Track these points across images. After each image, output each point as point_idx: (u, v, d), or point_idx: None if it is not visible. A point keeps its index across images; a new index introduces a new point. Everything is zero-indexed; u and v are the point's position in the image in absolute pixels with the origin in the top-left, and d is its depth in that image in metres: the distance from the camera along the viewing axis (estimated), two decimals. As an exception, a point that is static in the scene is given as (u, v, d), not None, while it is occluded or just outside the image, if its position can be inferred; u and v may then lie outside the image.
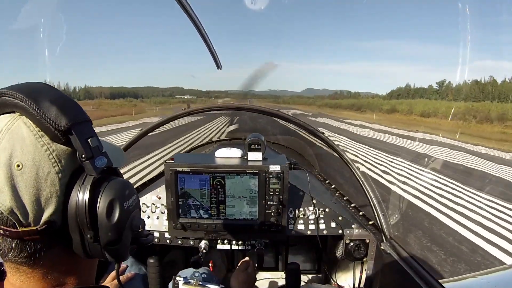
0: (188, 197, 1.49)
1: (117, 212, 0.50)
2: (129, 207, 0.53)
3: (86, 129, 0.51)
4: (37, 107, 0.47)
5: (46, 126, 0.48)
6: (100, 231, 0.50)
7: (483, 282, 1.34)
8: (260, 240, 1.55)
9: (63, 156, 0.49)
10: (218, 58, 2.09)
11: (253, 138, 1.50)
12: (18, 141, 0.47)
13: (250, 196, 1.48)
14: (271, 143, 3.78)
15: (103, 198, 0.50)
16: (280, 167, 1.44)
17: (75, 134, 0.49)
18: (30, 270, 0.50)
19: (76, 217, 0.49)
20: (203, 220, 1.51)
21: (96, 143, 0.51)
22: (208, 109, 2.09)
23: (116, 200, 0.51)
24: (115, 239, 0.51)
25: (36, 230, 0.47)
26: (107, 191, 0.51)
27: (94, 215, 0.49)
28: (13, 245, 0.47)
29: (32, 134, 0.48)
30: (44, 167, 0.47)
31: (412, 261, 1.31)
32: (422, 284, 1.17)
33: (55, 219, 0.48)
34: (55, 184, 0.48)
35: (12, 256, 0.48)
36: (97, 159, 0.51)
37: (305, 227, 1.57)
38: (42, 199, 0.47)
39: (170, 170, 1.45)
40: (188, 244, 1.59)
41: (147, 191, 1.71)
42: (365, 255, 1.58)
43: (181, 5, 1.48)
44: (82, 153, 0.49)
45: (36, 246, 0.48)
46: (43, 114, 0.47)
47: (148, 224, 1.60)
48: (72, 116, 0.49)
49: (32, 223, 0.47)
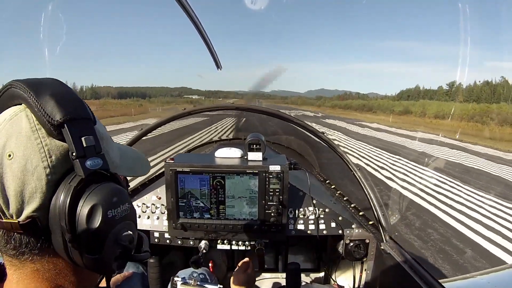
0: (188, 197, 1.49)
1: (98, 220, 0.47)
2: (114, 217, 0.49)
3: (84, 127, 0.49)
4: (36, 100, 0.47)
5: (43, 119, 0.47)
6: (79, 236, 0.47)
7: (483, 282, 1.34)
8: (260, 240, 1.55)
9: (55, 152, 0.48)
10: (218, 58, 2.08)
11: (253, 138, 1.50)
12: (14, 132, 0.47)
13: (250, 196, 1.48)
14: (271, 143, 3.78)
15: (86, 201, 0.47)
16: (280, 167, 1.44)
17: (68, 130, 0.47)
18: (21, 265, 0.49)
19: (57, 217, 0.46)
20: (203, 220, 1.51)
21: (92, 143, 0.49)
22: (208, 109, 2.09)
23: (99, 206, 0.47)
24: (95, 248, 0.48)
25: (18, 223, 0.46)
26: (92, 195, 0.48)
27: (73, 217, 0.46)
28: (0, 233, 0.48)
29: (29, 127, 0.47)
30: (33, 160, 0.46)
31: (412, 261, 1.31)
32: (422, 284, 1.17)
33: (39, 216, 0.47)
34: (41, 179, 0.46)
35: (2, 245, 0.48)
36: (90, 159, 0.48)
37: (305, 227, 1.57)
38: (26, 192, 0.46)
39: (170, 170, 1.45)
40: (188, 244, 1.59)
41: (147, 191, 1.71)
42: (365, 255, 1.58)
43: (181, 5, 1.48)
44: (73, 151, 0.47)
45: (21, 240, 0.47)
46: (40, 107, 0.47)
47: (148, 224, 1.60)
48: (68, 111, 0.48)
49: (14, 216, 0.46)
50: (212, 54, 2.01)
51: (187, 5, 1.49)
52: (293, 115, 1.98)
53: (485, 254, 4.68)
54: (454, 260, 4.48)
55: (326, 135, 1.74)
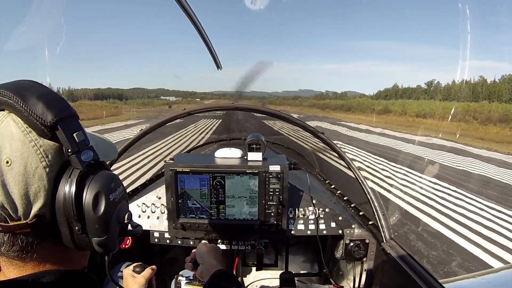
0: (188, 197, 1.49)
1: (103, 205, 0.52)
2: (115, 199, 0.54)
3: (72, 124, 0.53)
4: (24, 104, 0.49)
5: (33, 122, 0.49)
6: (87, 224, 0.51)
7: (483, 282, 1.33)
8: (260, 240, 1.55)
9: (50, 151, 0.50)
10: (218, 59, 2.08)
11: (253, 138, 1.50)
12: (7, 138, 0.48)
13: (250, 196, 1.48)
14: (271, 143, 3.78)
15: (89, 191, 0.51)
16: (280, 167, 1.44)
17: (61, 129, 0.50)
18: (23, 263, 0.51)
19: (64, 210, 0.50)
20: (203, 220, 1.51)
21: (82, 137, 0.53)
22: (208, 109, 2.08)
23: (102, 193, 0.52)
24: (102, 231, 0.52)
25: (26, 224, 0.48)
26: (93, 184, 0.52)
27: (81, 208, 0.50)
28: (5, 239, 0.48)
29: (20, 131, 0.49)
30: (32, 163, 0.48)
31: (412, 261, 1.31)
32: (422, 284, 1.17)
33: (44, 212, 0.49)
34: (43, 179, 0.49)
35: (5, 250, 0.49)
36: (83, 153, 0.52)
37: (305, 227, 1.57)
38: (31, 194, 0.48)
39: (170, 170, 1.45)
40: (188, 244, 1.59)
41: (147, 191, 1.71)
42: (365, 255, 1.58)
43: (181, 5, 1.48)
44: (68, 148, 0.51)
45: (27, 239, 0.49)
46: (30, 111, 0.49)
47: (148, 224, 1.60)
48: (57, 112, 0.50)
49: (22, 217, 0.48)
50: (212, 54, 2.00)
51: (186, 4, 1.49)
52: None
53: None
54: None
55: (327, 136, 1.74)
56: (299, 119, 1.83)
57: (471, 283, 1.35)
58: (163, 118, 1.85)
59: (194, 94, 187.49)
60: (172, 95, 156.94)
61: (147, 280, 1.26)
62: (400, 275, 1.32)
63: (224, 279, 0.96)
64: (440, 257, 4.57)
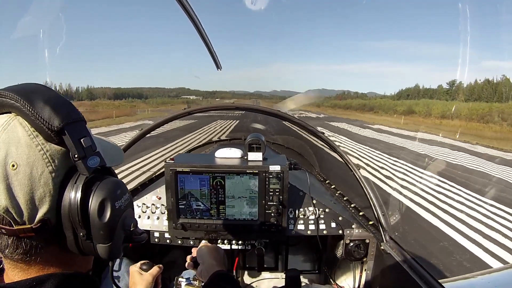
0: (188, 198, 1.49)
1: (109, 212, 0.52)
2: (120, 207, 0.54)
3: (79, 129, 0.52)
4: (31, 108, 0.48)
5: (40, 126, 0.49)
6: (92, 230, 0.51)
7: (483, 282, 1.33)
8: (260, 240, 1.55)
9: (56, 156, 0.50)
10: (217, 59, 2.08)
11: (253, 138, 1.50)
12: (13, 141, 0.48)
13: (250, 196, 1.48)
14: (271, 143, 3.78)
15: (95, 197, 0.51)
16: (280, 167, 1.44)
17: (68, 134, 0.49)
18: (27, 267, 0.51)
19: (69, 216, 0.50)
20: (203, 220, 1.51)
21: (89, 142, 0.52)
22: (207, 109, 2.08)
23: (108, 200, 0.52)
24: (106, 237, 0.52)
25: (31, 228, 0.48)
26: (99, 190, 0.51)
27: (86, 214, 0.50)
28: (9, 242, 0.48)
29: (27, 135, 0.49)
30: (38, 167, 0.48)
31: (412, 261, 1.31)
32: (422, 284, 1.17)
33: (49, 217, 0.49)
34: (49, 184, 0.49)
35: (9, 253, 0.49)
36: (90, 158, 0.52)
37: (305, 227, 1.57)
38: (36, 198, 0.48)
39: (170, 170, 1.45)
40: (188, 244, 1.59)
41: (147, 191, 1.71)
42: (365, 255, 1.58)
43: (182, 5, 1.48)
44: (75, 153, 0.50)
45: (31, 243, 0.49)
46: (37, 115, 0.48)
47: (148, 224, 1.60)
48: (65, 116, 0.50)
49: (27, 222, 0.48)
50: (211, 55, 2.00)
51: (188, 5, 1.49)
52: (296, 116, 1.95)
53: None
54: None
55: (326, 135, 1.74)
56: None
57: (471, 283, 1.35)
58: (161, 119, 1.85)
59: (214, 94, 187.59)
60: (193, 95, 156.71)
61: (154, 278, 1.26)
62: (400, 275, 1.32)
63: (222, 280, 0.96)
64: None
